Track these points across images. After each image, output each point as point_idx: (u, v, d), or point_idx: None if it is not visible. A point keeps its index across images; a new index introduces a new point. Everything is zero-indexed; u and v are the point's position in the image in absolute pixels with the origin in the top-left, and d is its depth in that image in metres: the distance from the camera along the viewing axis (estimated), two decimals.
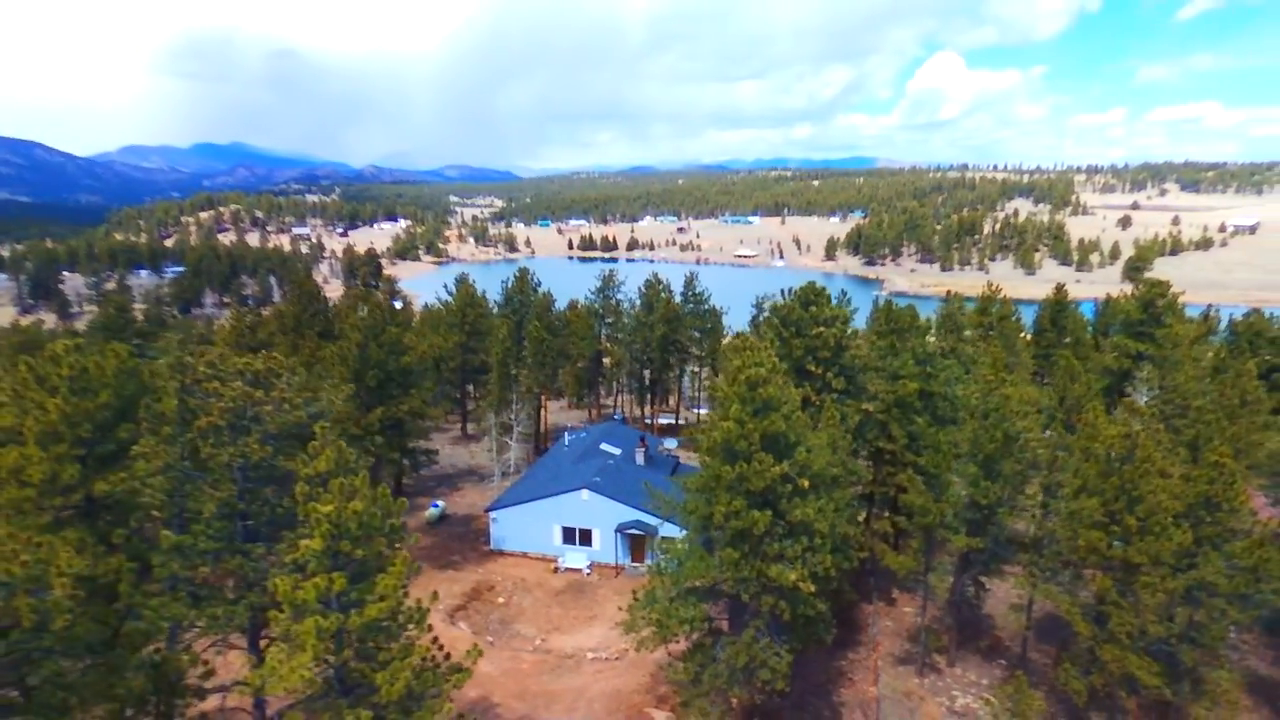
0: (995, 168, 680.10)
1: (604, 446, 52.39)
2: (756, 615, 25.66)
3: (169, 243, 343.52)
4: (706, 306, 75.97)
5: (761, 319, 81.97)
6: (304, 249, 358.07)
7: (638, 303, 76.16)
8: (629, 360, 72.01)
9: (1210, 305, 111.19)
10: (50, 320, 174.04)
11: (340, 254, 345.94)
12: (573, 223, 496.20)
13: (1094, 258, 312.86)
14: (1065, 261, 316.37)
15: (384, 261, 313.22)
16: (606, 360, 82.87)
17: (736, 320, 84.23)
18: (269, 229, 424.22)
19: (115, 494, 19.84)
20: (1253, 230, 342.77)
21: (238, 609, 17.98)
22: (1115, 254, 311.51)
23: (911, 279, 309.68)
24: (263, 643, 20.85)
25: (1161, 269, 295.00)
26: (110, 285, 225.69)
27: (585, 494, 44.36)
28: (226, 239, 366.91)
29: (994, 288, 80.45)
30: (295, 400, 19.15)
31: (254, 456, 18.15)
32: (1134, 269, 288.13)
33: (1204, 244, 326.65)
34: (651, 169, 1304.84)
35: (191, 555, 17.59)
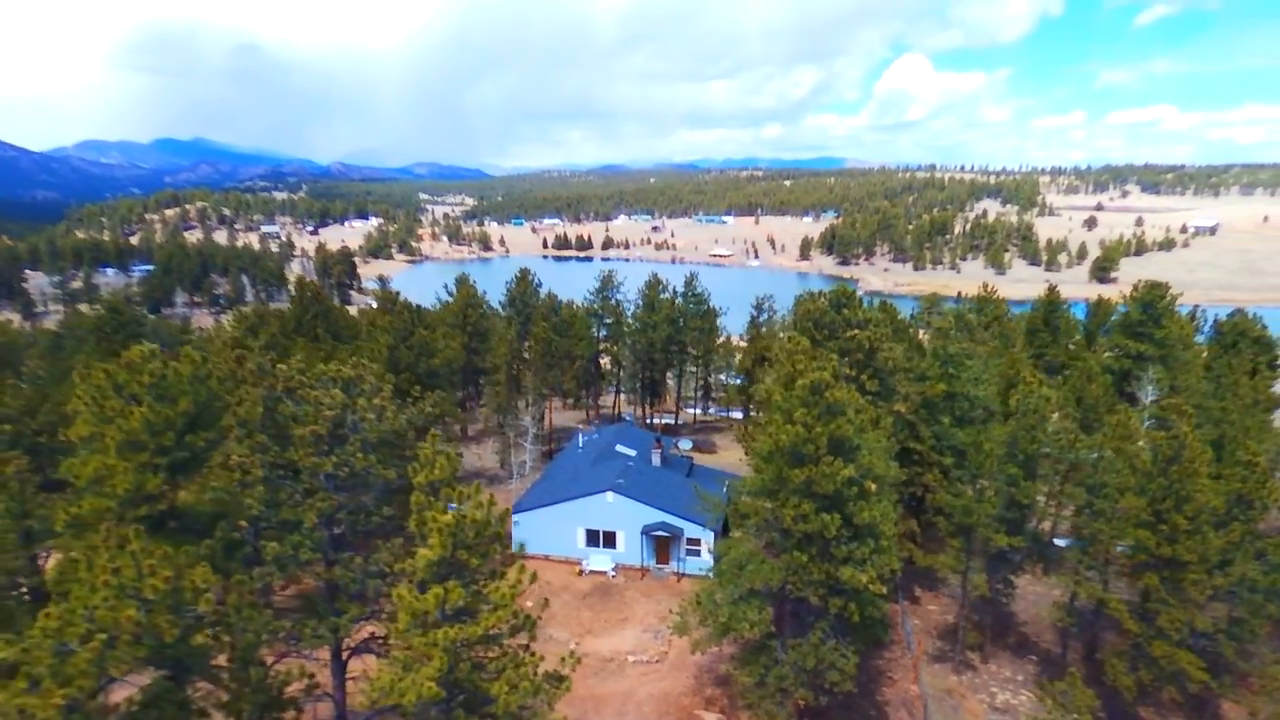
0: (962, 169, 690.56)
1: (619, 448, 52.30)
2: (820, 616, 25.91)
3: (134, 240, 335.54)
4: (706, 307, 76.18)
5: (762, 319, 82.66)
6: (274, 247, 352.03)
7: (638, 303, 76.13)
8: (633, 361, 71.90)
9: (1196, 306, 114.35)
10: (15, 320, 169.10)
11: (311, 252, 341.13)
12: (547, 221, 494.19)
13: (1062, 258, 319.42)
14: (1034, 261, 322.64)
15: (356, 260, 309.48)
16: (604, 360, 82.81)
17: (732, 322, 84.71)
18: (237, 227, 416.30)
19: (197, 505, 19.38)
20: (1213, 231, 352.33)
21: (341, 621, 17.69)
22: (1082, 254, 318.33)
23: (886, 278, 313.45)
24: (344, 653, 20.55)
25: (1127, 269, 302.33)
26: (76, 284, 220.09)
27: (610, 496, 44.27)
28: (193, 237, 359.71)
29: (990, 289, 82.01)
30: (392, 408, 18.89)
31: (358, 465, 17.88)
32: (1101, 269, 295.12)
33: (1167, 244, 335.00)
34: (622, 168, 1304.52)
35: (291, 566, 17.28)
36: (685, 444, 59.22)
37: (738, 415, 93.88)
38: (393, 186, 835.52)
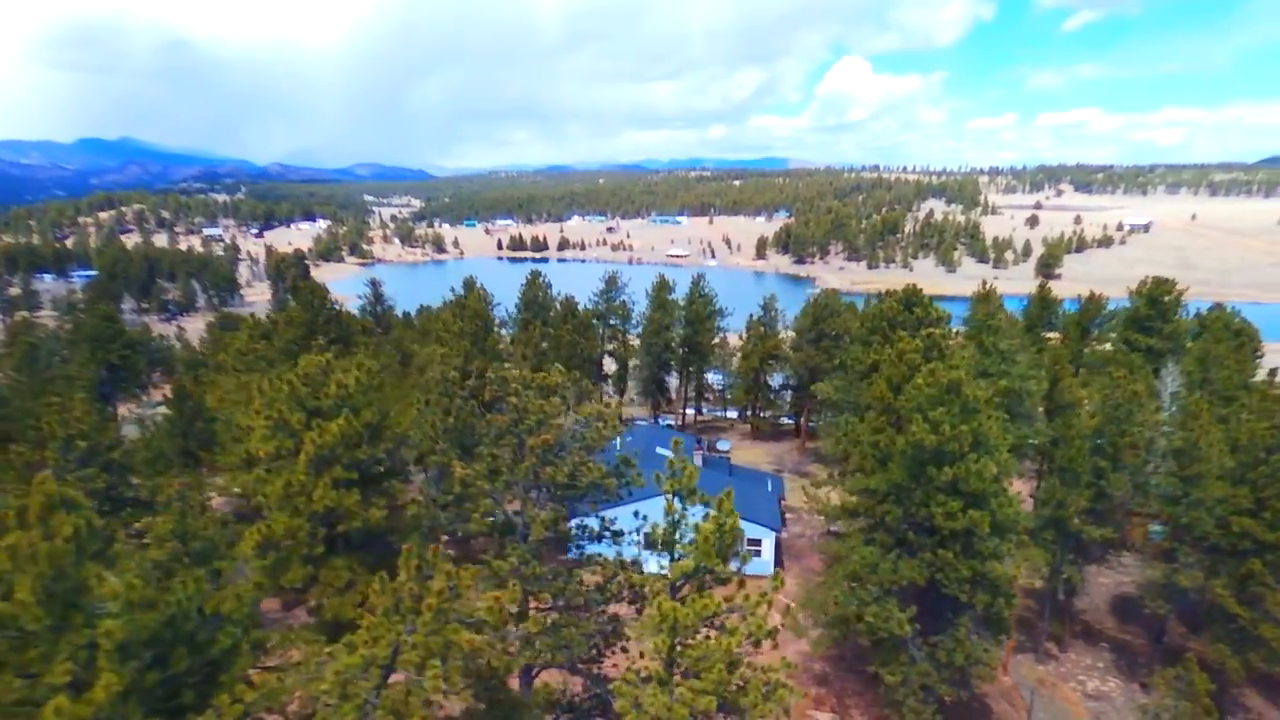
0: (904, 169, 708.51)
1: (659, 450, 52.06)
2: (958, 612, 26.17)
3: (68, 245, 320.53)
4: (714, 307, 76.47)
5: (763, 318, 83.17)
6: (218, 250, 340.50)
7: (646, 304, 76.09)
8: (650, 362, 71.68)
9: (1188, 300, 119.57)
10: None
11: (256, 256, 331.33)
12: (500, 223, 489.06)
13: (1008, 255, 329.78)
14: (983, 259, 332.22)
15: (307, 263, 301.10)
16: (609, 361, 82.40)
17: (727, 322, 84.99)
18: (177, 230, 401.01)
19: (384, 521, 18.53)
20: (1147, 229, 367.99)
21: (573, 635, 17.08)
22: (1028, 251, 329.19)
23: (842, 276, 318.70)
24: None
25: (1071, 266, 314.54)
26: (14, 291, 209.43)
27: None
28: (130, 241, 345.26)
29: (988, 286, 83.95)
30: (612, 417, 18.35)
31: (593, 475, 17.34)
32: (1046, 265, 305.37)
33: (1105, 242, 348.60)
34: (569, 168, 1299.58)
35: (531, 582, 16.64)
36: (724, 445, 59.27)
37: (733, 415, 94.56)
38: (335, 188, 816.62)
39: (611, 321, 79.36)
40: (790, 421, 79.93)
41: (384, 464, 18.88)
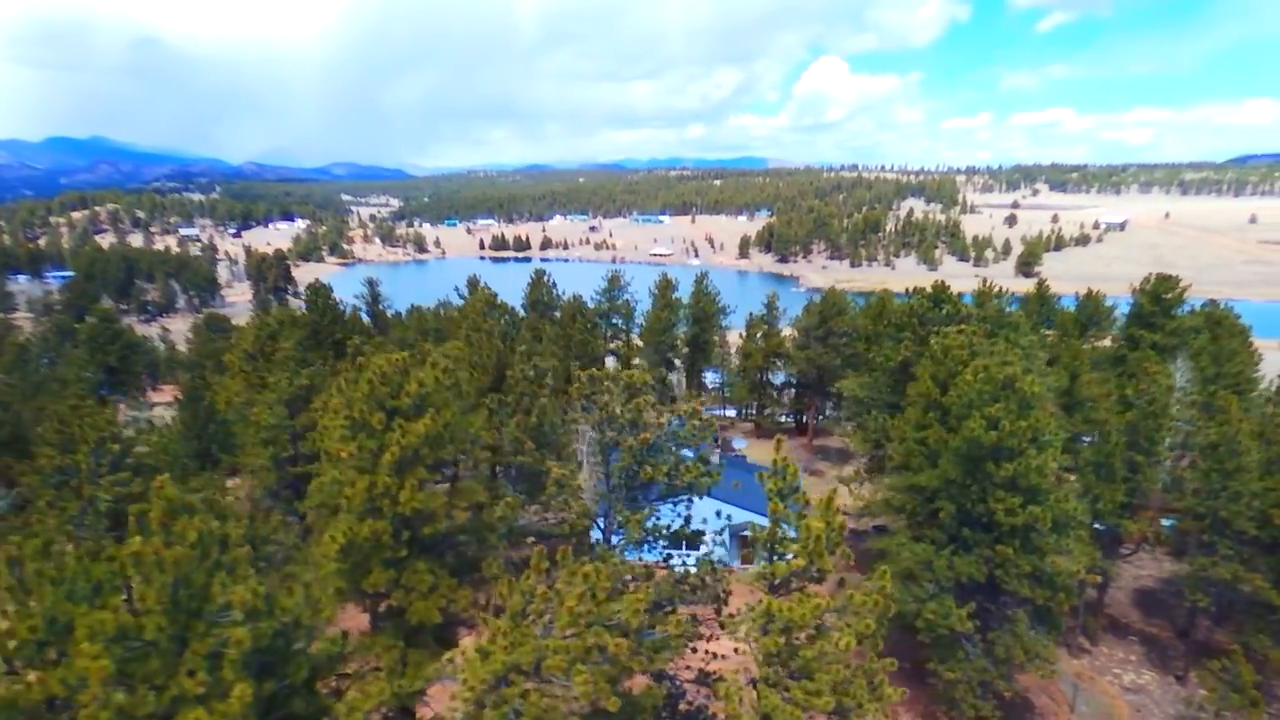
0: (883, 168, 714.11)
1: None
2: (1014, 608, 26.21)
3: (41, 245, 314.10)
4: (718, 305, 76.49)
5: (765, 317, 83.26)
6: (195, 251, 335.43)
7: (649, 302, 75.97)
8: (657, 361, 71.47)
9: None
10: None
11: (234, 256, 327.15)
12: (481, 222, 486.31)
13: (988, 253, 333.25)
14: (963, 257, 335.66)
15: (288, 263, 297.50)
16: (610, 360, 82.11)
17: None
18: (152, 230, 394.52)
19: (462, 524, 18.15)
20: (1122, 227, 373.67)
21: (669, 637, 16.81)
22: (1007, 250, 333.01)
23: (825, 275, 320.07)
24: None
25: (1050, 263, 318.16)
26: None
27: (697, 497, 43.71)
28: (104, 241, 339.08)
29: (988, 284, 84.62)
30: (700, 416, 18.11)
31: (692, 474, 17.07)
32: (1025, 263, 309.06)
33: (1083, 240, 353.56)
34: (549, 167, 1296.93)
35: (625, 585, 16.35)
36: (740, 443, 59.15)
37: (731, 414, 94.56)
38: (312, 187, 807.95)
39: (614, 321, 79.18)
40: (791, 420, 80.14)
41: (463, 464, 18.50)
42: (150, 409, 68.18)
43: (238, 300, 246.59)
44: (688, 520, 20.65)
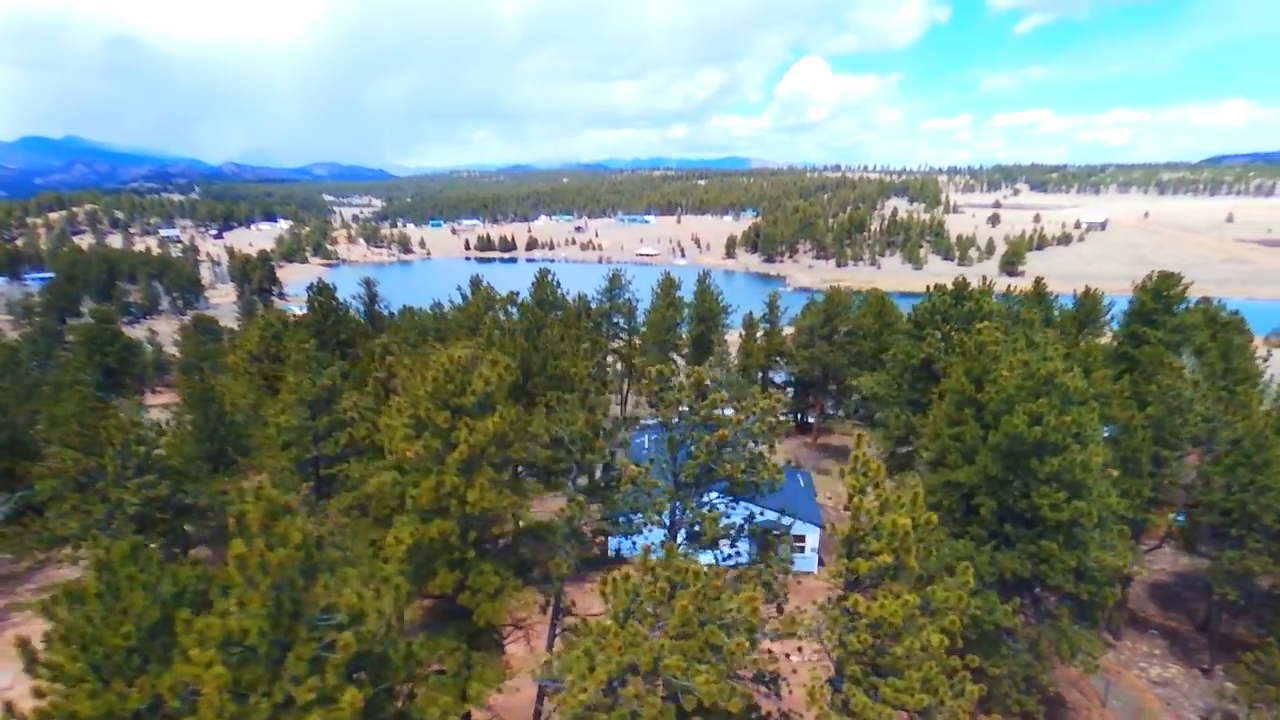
0: (865, 168, 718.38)
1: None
2: (1059, 603, 26.23)
3: (18, 246, 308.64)
4: (723, 304, 76.50)
5: (766, 315, 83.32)
6: (176, 252, 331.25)
7: (650, 302, 75.87)
8: (662, 360, 71.24)
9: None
10: None
11: (216, 257, 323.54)
12: (466, 222, 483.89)
13: (972, 253, 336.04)
14: (948, 256, 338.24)
15: (273, 265, 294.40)
16: (611, 359, 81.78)
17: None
18: (132, 231, 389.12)
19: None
20: (1103, 227, 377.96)
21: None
22: (990, 249, 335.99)
23: (811, 274, 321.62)
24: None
25: (1033, 262, 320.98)
26: None
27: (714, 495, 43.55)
28: (83, 242, 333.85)
29: (986, 281, 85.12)
30: (775, 413, 17.90)
31: (769, 471, 16.84)
32: (1009, 262, 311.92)
33: (1064, 239, 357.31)
34: (532, 167, 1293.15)
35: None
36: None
37: (730, 412, 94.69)
38: (294, 188, 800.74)
39: (615, 319, 78.94)
40: (791, 419, 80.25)
41: (526, 463, 18.19)
42: (146, 412, 67.05)
43: (221, 302, 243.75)
44: (751, 517, 20.43)
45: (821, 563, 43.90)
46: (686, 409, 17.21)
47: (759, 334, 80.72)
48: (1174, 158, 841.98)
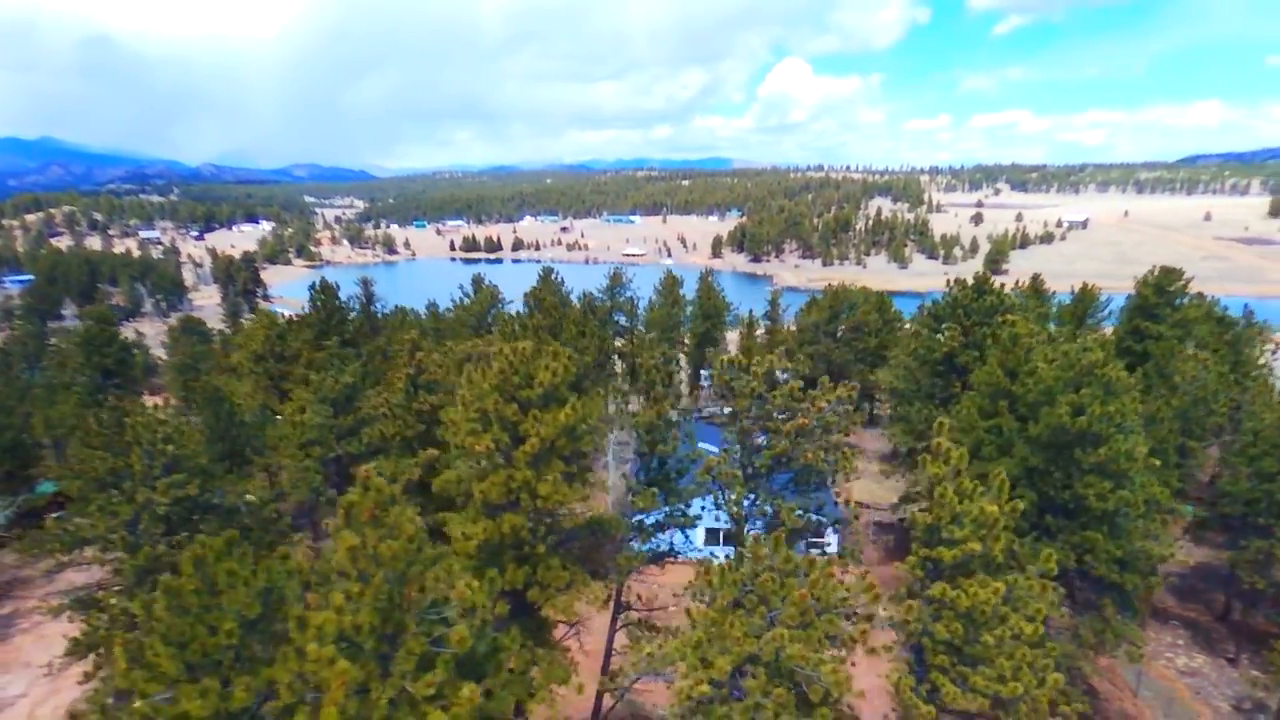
0: (847, 168, 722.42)
1: (702, 446, 51.48)
2: (1101, 593, 26.26)
3: None
4: (725, 301, 76.51)
5: (768, 313, 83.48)
6: (156, 254, 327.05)
7: (654, 300, 75.75)
8: (664, 360, 71.05)
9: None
10: None
11: (198, 259, 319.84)
12: (450, 223, 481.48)
13: (957, 251, 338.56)
14: (932, 255, 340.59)
15: (257, 266, 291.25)
16: (615, 358, 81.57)
17: None
18: (111, 233, 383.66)
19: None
20: (1084, 225, 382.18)
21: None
22: (974, 248, 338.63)
23: (798, 274, 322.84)
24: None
25: (1017, 261, 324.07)
26: None
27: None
28: (61, 244, 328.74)
29: (987, 275, 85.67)
30: (852, 400, 17.72)
31: (848, 463, 16.65)
32: (993, 261, 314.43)
33: (1047, 238, 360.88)
34: (515, 168, 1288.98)
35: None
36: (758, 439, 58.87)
37: (730, 410, 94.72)
38: (274, 189, 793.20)
39: (616, 318, 78.70)
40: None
41: (588, 455, 17.91)
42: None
43: (206, 304, 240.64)
44: (820, 507, 20.25)
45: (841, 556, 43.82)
46: (764, 397, 17.00)
47: (759, 331, 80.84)
48: (1149, 158, 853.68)
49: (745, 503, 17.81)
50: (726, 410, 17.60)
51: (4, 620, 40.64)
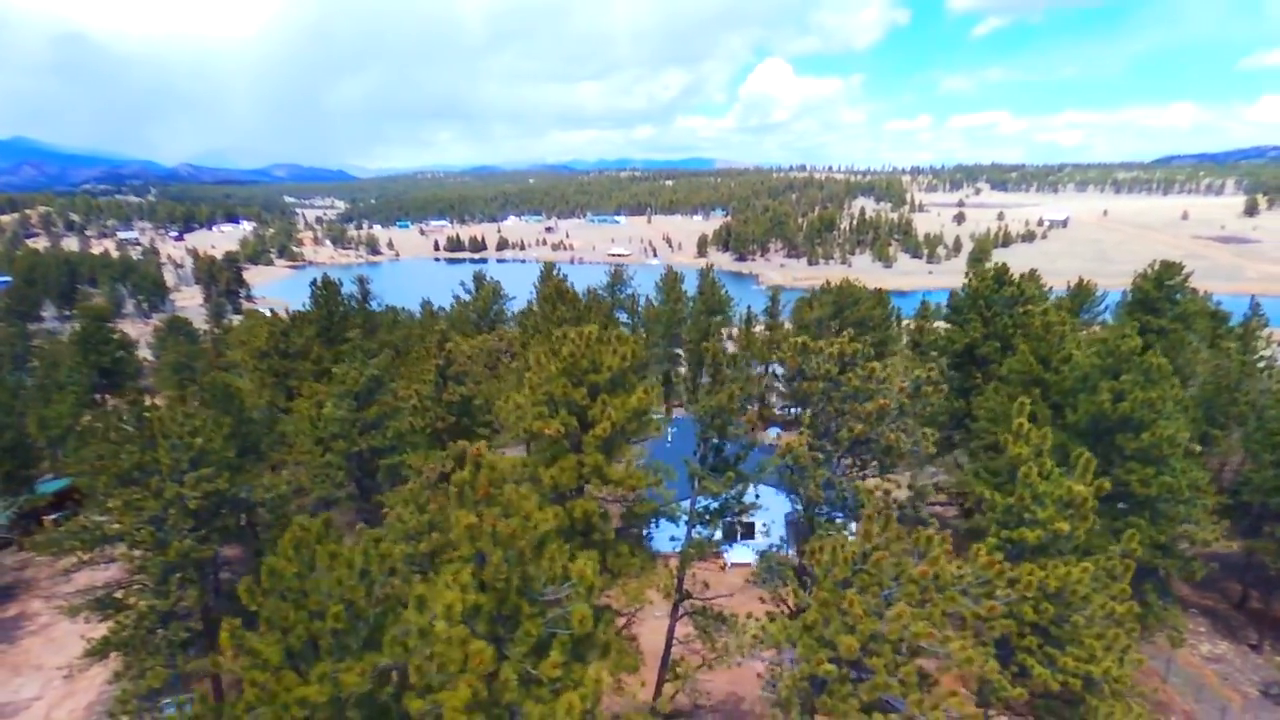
0: (830, 169, 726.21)
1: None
2: (1143, 578, 26.33)
3: None
4: (728, 299, 76.47)
5: (769, 309, 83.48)
6: (136, 254, 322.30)
7: (655, 297, 75.60)
8: (665, 357, 70.95)
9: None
10: None
11: (178, 259, 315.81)
12: (434, 223, 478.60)
13: (940, 250, 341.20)
14: (916, 254, 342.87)
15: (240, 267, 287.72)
16: None
17: None
18: (88, 233, 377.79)
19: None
20: (1065, 224, 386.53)
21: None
22: (957, 247, 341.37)
23: (784, 273, 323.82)
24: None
25: (999, 259, 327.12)
26: None
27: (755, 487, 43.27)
28: (37, 245, 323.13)
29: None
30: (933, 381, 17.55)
31: (930, 444, 16.48)
32: (976, 260, 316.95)
33: (1028, 237, 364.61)
34: (496, 169, 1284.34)
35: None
36: (772, 432, 58.87)
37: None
38: (253, 189, 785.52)
39: (619, 315, 78.47)
40: (793, 413, 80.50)
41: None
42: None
43: (188, 304, 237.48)
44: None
45: None
46: (841, 379, 16.83)
47: (758, 327, 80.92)
48: (1125, 158, 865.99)
49: (823, 486, 17.64)
50: (797, 394, 17.48)
51: (11, 623, 39.69)
